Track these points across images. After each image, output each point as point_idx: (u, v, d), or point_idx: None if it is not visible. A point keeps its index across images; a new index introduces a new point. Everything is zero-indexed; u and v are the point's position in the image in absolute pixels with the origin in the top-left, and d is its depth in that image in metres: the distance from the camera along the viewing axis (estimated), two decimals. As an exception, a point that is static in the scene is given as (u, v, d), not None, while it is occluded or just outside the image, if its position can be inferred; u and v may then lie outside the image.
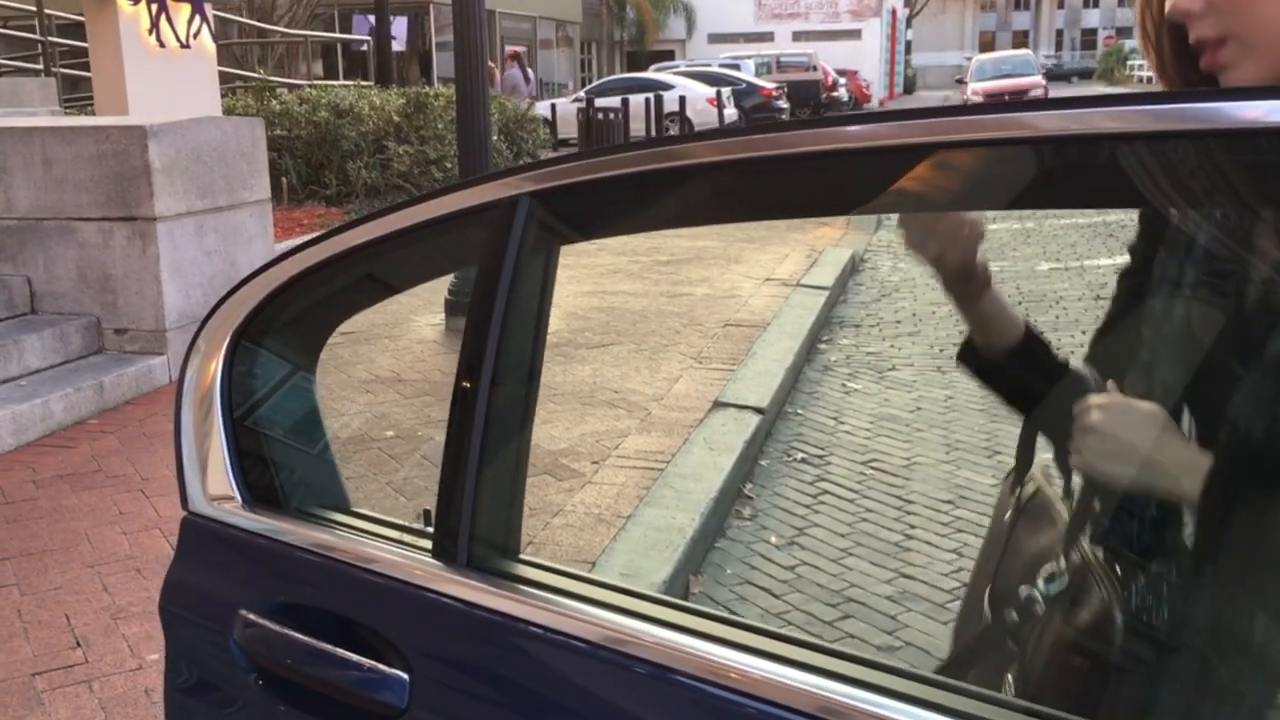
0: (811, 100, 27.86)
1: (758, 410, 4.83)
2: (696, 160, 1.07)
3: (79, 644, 2.91)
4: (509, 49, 19.61)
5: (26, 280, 5.36)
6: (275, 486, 1.32)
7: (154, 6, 8.33)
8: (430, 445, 4.46)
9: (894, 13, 46.16)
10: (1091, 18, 74.58)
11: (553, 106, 20.03)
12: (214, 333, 1.37)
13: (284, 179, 9.66)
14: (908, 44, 55.62)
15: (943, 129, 0.88)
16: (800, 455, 4.56)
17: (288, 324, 1.36)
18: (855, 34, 40.84)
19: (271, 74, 13.07)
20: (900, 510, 3.97)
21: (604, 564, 3.36)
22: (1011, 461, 1.32)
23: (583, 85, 30.30)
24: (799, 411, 5.16)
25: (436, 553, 1.12)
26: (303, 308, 1.36)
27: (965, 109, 0.89)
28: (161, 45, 8.37)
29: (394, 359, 5.85)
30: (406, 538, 1.19)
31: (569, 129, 18.39)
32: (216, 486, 1.32)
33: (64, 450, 4.44)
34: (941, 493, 4.11)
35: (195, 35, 8.74)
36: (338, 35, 20.39)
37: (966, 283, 1.24)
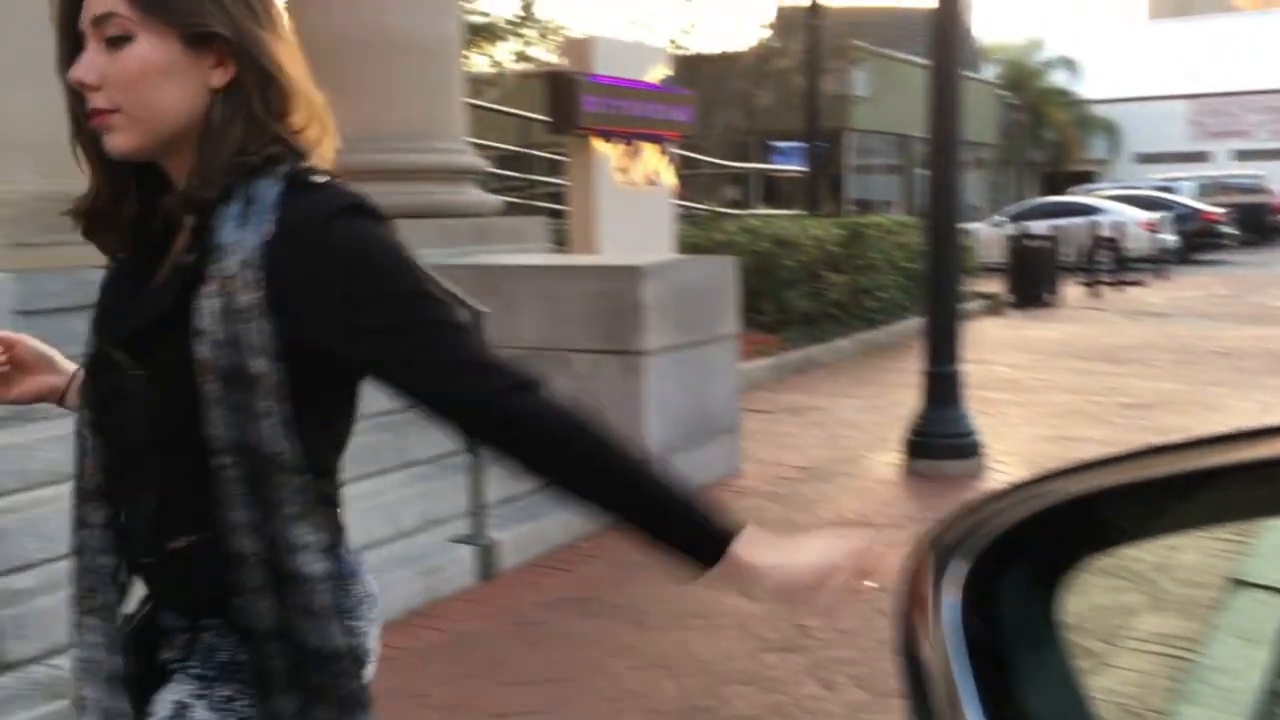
0: (1261, 224, 25.53)
1: (1285, 594, 4.23)
2: None
3: (612, 787, 2.95)
4: None
5: (524, 404, 5.79)
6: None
7: (625, 146, 8.98)
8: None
9: (1352, 125, 41.44)
10: None
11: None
12: (946, 556, 1.27)
13: (725, 306, 9.99)
14: (1367, 158, 49.68)
15: None
16: (1346, 652, 3.92)
17: (1051, 553, 1.23)
18: (1307, 151, 37.02)
19: (696, 200, 13.71)
20: None
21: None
22: None
23: (994, 208, 29.45)
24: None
25: None
26: (1076, 534, 1.21)
27: None
28: (630, 182, 8.99)
29: (857, 499, 5.74)
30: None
31: (988, 253, 17.87)
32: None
33: (560, 573, 4.67)
34: None
35: (658, 172, 9.32)
36: (769, 166, 21.17)
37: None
